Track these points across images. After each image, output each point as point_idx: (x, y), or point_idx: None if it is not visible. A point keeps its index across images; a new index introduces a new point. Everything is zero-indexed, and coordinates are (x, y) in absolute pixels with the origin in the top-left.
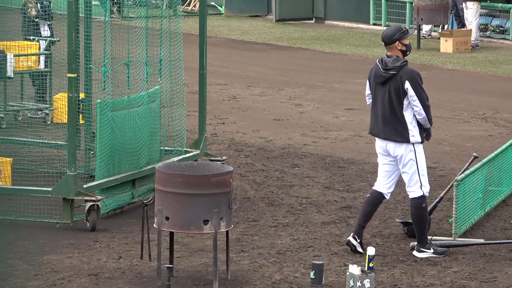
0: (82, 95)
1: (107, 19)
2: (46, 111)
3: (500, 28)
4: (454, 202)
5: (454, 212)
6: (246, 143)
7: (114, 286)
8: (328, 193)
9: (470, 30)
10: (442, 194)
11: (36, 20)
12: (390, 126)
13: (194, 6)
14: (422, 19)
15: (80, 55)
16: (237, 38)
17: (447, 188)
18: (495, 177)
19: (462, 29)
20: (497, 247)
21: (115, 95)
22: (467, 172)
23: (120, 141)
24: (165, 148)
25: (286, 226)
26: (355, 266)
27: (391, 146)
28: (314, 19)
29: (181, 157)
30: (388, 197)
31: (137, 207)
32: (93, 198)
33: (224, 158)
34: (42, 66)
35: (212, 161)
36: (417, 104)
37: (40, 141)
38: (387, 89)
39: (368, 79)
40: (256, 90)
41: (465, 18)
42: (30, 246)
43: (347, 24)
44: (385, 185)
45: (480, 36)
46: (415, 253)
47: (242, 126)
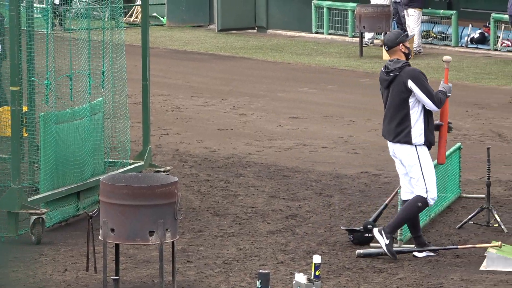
0: (25, 108)
1: (49, 32)
2: None
3: (442, 34)
4: (399, 209)
5: None
6: (191, 154)
7: None
8: (273, 202)
9: (412, 37)
10: (387, 201)
11: None
12: (395, 128)
13: (136, 17)
14: (364, 27)
15: (23, 68)
16: (179, 49)
17: (392, 195)
18: (440, 183)
19: None
20: (442, 253)
21: (58, 108)
22: None
23: (64, 153)
24: (109, 160)
25: (232, 236)
26: (301, 274)
27: (396, 148)
28: (256, 29)
29: (125, 168)
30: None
31: (82, 220)
32: (38, 211)
33: (168, 168)
34: None
35: (156, 172)
36: (425, 100)
37: None
38: (391, 91)
39: (379, 86)
40: (199, 100)
41: (407, 25)
42: None
43: (290, 33)
44: (407, 190)
45: (422, 42)
46: (375, 229)
47: (186, 137)
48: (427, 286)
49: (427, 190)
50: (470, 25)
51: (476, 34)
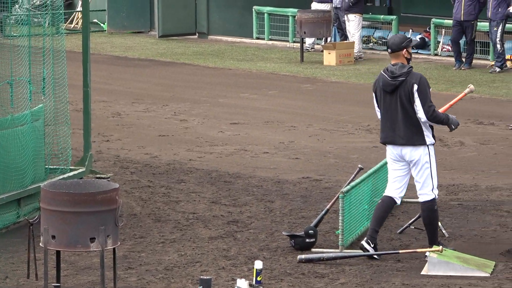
0: None
1: None
2: None
3: (382, 39)
4: (340, 214)
5: (340, 224)
6: (132, 160)
7: None
8: (214, 208)
9: (353, 42)
10: (328, 206)
11: None
12: (407, 131)
13: (77, 24)
14: (305, 32)
15: None
16: (120, 55)
17: (333, 200)
18: (381, 188)
19: (345, 41)
20: (383, 258)
21: None
22: (353, 183)
23: (4, 160)
24: (50, 166)
25: (173, 242)
26: (243, 280)
27: (408, 151)
28: (197, 34)
29: (66, 175)
30: (399, 202)
31: (22, 227)
32: None
33: (109, 175)
34: None
35: (97, 178)
36: (419, 110)
37: None
38: (398, 96)
39: (374, 92)
40: (140, 107)
41: (347, 31)
42: None
43: (230, 38)
44: (397, 190)
45: (362, 48)
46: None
47: (127, 143)
48: None
49: (433, 187)
50: (410, 30)
51: (416, 39)
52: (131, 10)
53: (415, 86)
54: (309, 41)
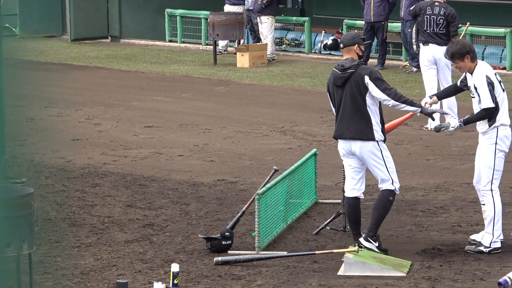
0: None
1: None
2: None
3: (295, 41)
4: (256, 216)
5: (256, 225)
6: (46, 164)
7: None
8: (130, 211)
9: (266, 44)
10: (244, 208)
11: None
12: (355, 125)
13: None
14: (217, 35)
15: None
16: (33, 59)
17: (249, 202)
18: (296, 189)
19: (258, 43)
20: (300, 259)
21: None
22: (268, 185)
23: None
24: None
25: (89, 246)
26: (160, 283)
27: (357, 146)
28: (109, 38)
29: None
30: (362, 196)
31: None
32: None
33: (24, 180)
34: None
35: (12, 183)
36: (380, 95)
37: None
38: (348, 88)
39: (328, 91)
40: (53, 111)
41: (260, 33)
42: None
43: (143, 41)
44: (355, 187)
45: (276, 50)
46: (362, 240)
47: (41, 147)
48: None
49: (393, 181)
50: (323, 31)
51: (329, 41)
52: (43, 14)
53: (366, 78)
54: (222, 43)
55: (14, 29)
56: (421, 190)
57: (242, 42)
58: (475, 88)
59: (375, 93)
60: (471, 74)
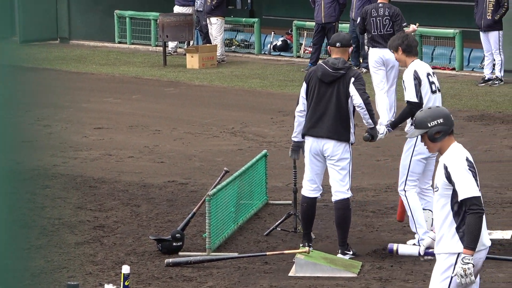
0: None
1: None
2: None
3: (245, 42)
4: (206, 217)
5: (207, 227)
6: None
7: None
8: (80, 213)
9: (216, 45)
10: (194, 210)
11: None
12: (335, 125)
13: None
14: (167, 36)
15: None
16: None
17: (200, 203)
18: (247, 190)
19: (208, 44)
20: (251, 260)
21: None
22: (219, 186)
23: None
24: None
25: (40, 248)
26: (111, 285)
27: (330, 145)
28: (59, 39)
29: None
30: (320, 197)
31: None
32: None
33: None
34: None
35: None
36: (356, 97)
37: None
38: (336, 88)
39: (306, 82)
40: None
41: (210, 34)
42: None
43: (92, 43)
44: (315, 188)
45: (225, 51)
46: (340, 255)
47: None
48: None
49: (349, 187)
50: (272, 32)
51: (278, 42)
52: None
53: (352, 79)
54: (171, 44)
55: None
56: (371, 191)
57: (191, 43)
58: (403, 81)
59: (353, 93)
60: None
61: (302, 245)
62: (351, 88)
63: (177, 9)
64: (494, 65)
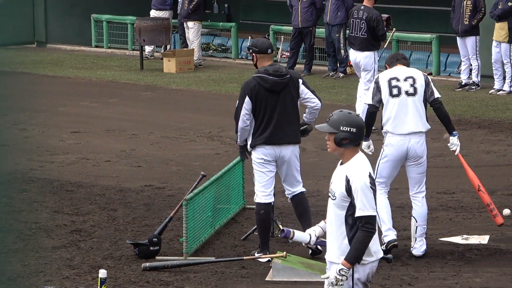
0: None
1: None
2: None
3: (222, 46)
4: (184, 222)
5: (184, 231)
6: None
7: None
8: (57, 217)
9: (193, 49)
10: (171, 214)
11: None
12: (294, 129)
13: None
14: (144, 40)
15: None
16: None
17: (177, 207)
18: (224, 195)
19: (185, 49)
20: (228, 265)
21: None
22: (196, 191)
23: None
24: None
25: (16, 252)
26: None
27: (289, 150)
28: (35, 43)
29: None
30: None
31: None
32: None
33: None
34: None
35: None
36: (313, 99)
37: None
38: (287, 93)
39: (250, 98)
40: None
41: (187, 38)
42: None
43: (69, 47)
44: (271, 193)
45: (202, 55)
46: (257, 254)
47: None
48: None
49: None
50: (249, 37)
51: None
52: None
53: (300, 81)
54: (148, 48)
55: None
56: None
57: (168, 47)
58: None
59: (309, 95)
60: None
61: (259, 252)
62: (305, 90)
63: (153, 13)
64: (470, 70)
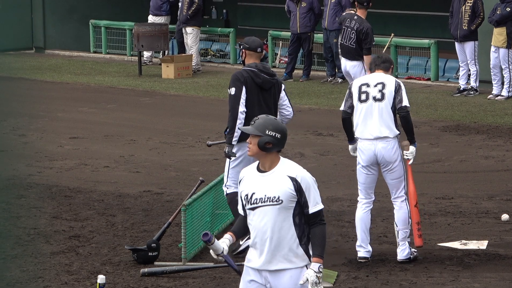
0: None
1: None
2: None
3: (220, 52)
4: (182, 227)
5: (183, 237)
6: None
7: None
8: (56, 222)
9: (191, 55)
10: (170, 220)
11: None
12: None
13: None
14: (142, 46)
15: None
16: None
17: (175, 213)
18: (222, 200)
19: (183, 54)
20: (226, 270)
21: None
22: (194, 196)
23: None
24: None
25: (15, 258)
26: None
27: None
28: (34, 49)
29: None
30: None
31: None
32: None
33: None
34: None
35: None
36: (289, 108)
37: None
38: (271, 93)
39: (243, 88)
40: None
41: (185, 43)
42: None
43: (68, 52)
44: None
45: (201, 61)
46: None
47: None
48: None
49: None
50: None
51: None
52: None
53: (283, 86)
54: (146, 54)
55: None
56: (347, 201)
57: (166, 53)
58: None
59: (286, 102)
60: None
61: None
62: (285, 97)
63: (150, 18)
64: (469, 75)
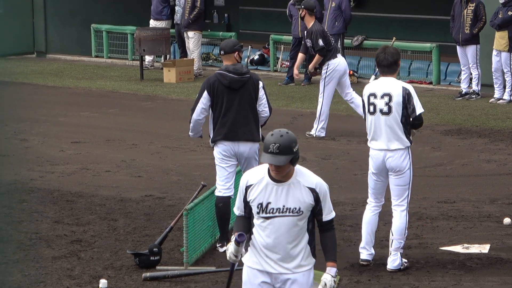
0: None
1: None
2: None
3: None
4: (184, 231)
5: (184, 241)
6: None
7: None
8: (57, 227)
9: (193, 59)
10: (172, 224)
11: None
12: (250, 127)
13: None
14: (144, 50)
15: None
16: None
17: (177, 217)
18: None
19: (185, 58)
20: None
21: None
22: (196, 200)
23: None
24: None
25: (16, 263)
26: None
27: (247, 147)
28: (35, 53)
29: None
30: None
31: None
32: None
33: None
34: None
35: None
36: (265, 107)
37: None
38: (245, 92)
39: (208, 93)
40: None
41: (187, 48)
42: None
43: (69, 57)
44: (230, 187)
45: (202, 65)
46: (219, 246)
47: None
48: None
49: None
50: (249, 46)
51: (255, 56)
52: None
53: (261, 83)
54: (148, 58)
55: None
56: (348, 205)
57: (168, 57)
58: None
59: (263, 101)
60: None
61: (220, 245)
62: (263, 96)
63: (152, 23)
64: (471, 79)
